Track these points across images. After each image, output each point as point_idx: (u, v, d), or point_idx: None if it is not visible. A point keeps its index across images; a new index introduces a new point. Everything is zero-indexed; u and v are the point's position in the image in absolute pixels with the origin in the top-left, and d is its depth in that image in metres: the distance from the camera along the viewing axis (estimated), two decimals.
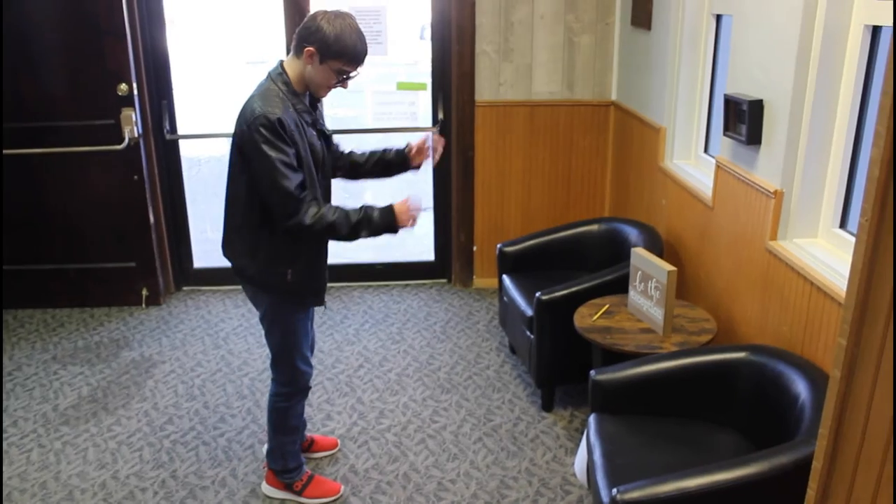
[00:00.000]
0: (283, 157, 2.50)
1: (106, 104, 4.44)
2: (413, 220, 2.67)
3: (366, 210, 2.63)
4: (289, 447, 3.02)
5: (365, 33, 2.61)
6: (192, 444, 3.43)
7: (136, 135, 4.49)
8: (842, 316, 1.27)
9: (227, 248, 2.82)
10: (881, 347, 1.19)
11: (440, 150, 2.96)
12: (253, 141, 2.49)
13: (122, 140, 4.46)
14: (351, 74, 2.62)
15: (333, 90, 2.69)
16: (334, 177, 2.92)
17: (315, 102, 2.76)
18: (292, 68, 2.61)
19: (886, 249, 1.16)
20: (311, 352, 3.04)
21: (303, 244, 2.72)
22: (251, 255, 2.73)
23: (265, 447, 3.14)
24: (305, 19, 2.58)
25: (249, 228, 2.70)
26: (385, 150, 3.00)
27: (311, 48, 2.53)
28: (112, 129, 4.47)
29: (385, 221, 2.63)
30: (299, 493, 3.04)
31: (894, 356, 1.19)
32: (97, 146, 4.48)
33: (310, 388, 3.02)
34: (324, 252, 2.86)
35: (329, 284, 5.10)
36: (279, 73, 2.61)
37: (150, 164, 4.71)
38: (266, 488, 3.09)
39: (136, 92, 4.47)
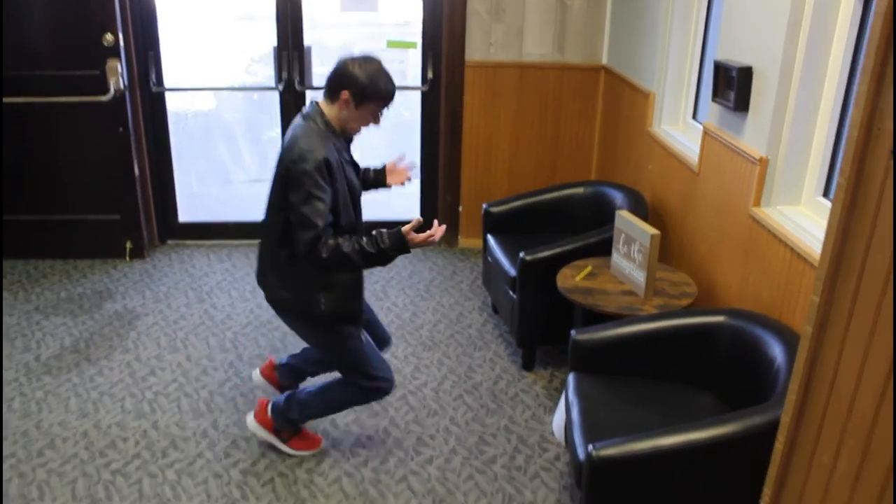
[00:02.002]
0: (321, 196, 2.55)
1: (91, 54, 4.38)
2: (425, 242, 2.68)
3: (377, 241, 2.63)
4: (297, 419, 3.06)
5: None
6: (174, 395, 3.45)
7: (121, 86, 4.44)
8: (816, 273, 1.29)
9: (262, 279, 2.89)
10: (852, 305, 1.21)
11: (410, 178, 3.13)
12: (297, 177, 2.55)
13: (108, 91, 4.41)
14: (384, 111, 2.73)
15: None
16: None
17: (350, 140, 2.84)
18: (328, 111, 2.68)
19: (862, 209, 1.18)
20: (387, 344, 3.10)
21: (333, 272, 2.76)
22: (284, 286, 2.79)
23: (278, 396, 3.09)
24: (336, 65, 2.65)
25: (283, 261, 2.75)
26: (366, 170, 3.08)
27: (346, 94, 2.60)
28: (97, 80, 4.42)
29: (397, 246, 2.64)
30: (284, 442, 3.06)
31: None
32: (82, 97, 4.43)
33: (388, 392, 2.95)
34: (358, 277, 2.86)
35: None
36: (318, 112, 2.67)
37: (136, 117, 4.67)
38: (252, 424, 3.07)
39: (121, 43, 4.41)
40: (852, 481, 1.25)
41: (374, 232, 2.67)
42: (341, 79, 2.62)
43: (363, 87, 2.60)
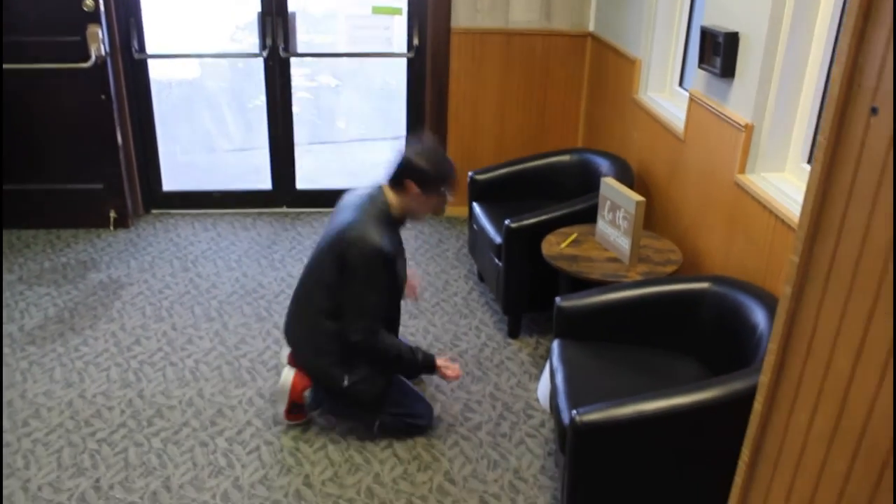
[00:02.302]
0: (378, 288, 2.70)
1: (71, 20, 4.31)
2: (449, 377, 2.95)
3: (414, 354, 2.84)
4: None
5: None
6: (160, 364, 3.44)
7: (102, 53, 4.38)
8: (795, 234, 1.29)
9: (291, 335, 2.98)
10: (830, 264, 1.21)
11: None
12: (360, 267, 2.66)
13: (89, 58, 4.35)
14: (449, 194, 2.85)
15: None
16: None
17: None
18: (392, 198, 2.77)
19: (841, 167, 1.18)
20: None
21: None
22: (315, 354, 2.88)
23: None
24: (398, 157, 2.77)
25: (322, 333, 2.83)
26: None
27: (413, 185, 2.72)
28: (78, 46, 4.35)
29: (426, 366, 2.90)
30: (285, 412, 3.02)
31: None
32: (62, 63, 4.36)
33: (425, 429, 3.03)
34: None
35: (296, 210, 5.12)
36: (385, 199, 2.77)
37: (118, 84, 4.61)
38: (288, 376, 2.96)
39: (102, 8, 4.34)
40: (828, 440, 1.26)
41: (418, 352, 2.86)
42: (406, 171, 2.72)
43: (430, 178, 2.73)
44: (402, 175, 2.74)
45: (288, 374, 2.98)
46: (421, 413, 3.00)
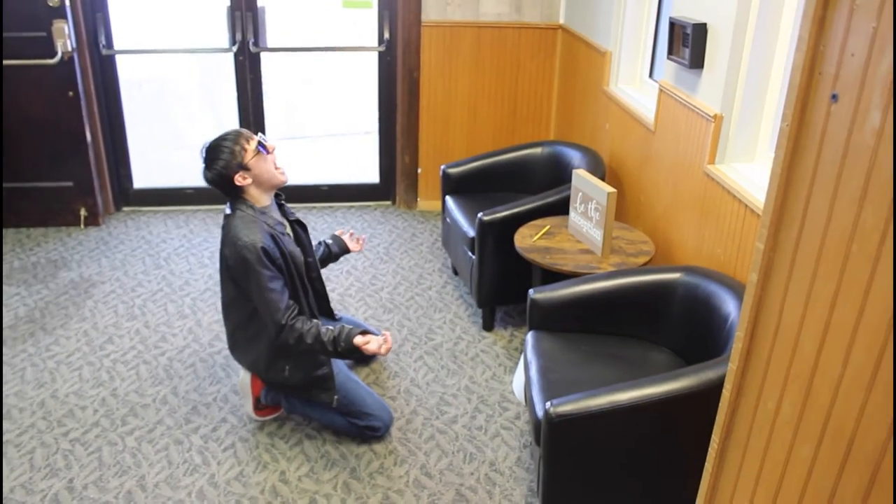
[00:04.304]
0: (271, 281, 2.67)
1: (36, 15, 4.25)
2: (372, 351, 2.74)
3: (336, 345, 2.71)
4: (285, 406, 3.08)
5: None
6: (133, 363, 3.41)
7: (69, 48, 4.32)
8: (761, 221, 1.30)
9: (234, 349, 3.00)
10: (794, 251, 1.23)
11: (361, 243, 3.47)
12: (242, 268, 2.68)
13: (55, 54, 4.29)
14: (260, 140, 2.79)
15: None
16: None
17: (283, 208, 2.99)
18: (248, 197, 2.78)
19: (804, 154, 1.19)
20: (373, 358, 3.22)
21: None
22: (253, 361, 2.90)
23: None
24: (208, 180, 2.75)
25: (246, 329, 2.86)
26: (328, 245, 3.34)
27: (235, 176, 2.71)
28: (44, 42, 4.29)
29: (349, 351, 2.74)
30: (254, 409, 3.03)
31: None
32: (28, 60, 4.30)
33: (380, 431, 2.95)
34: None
35: None
36: (240, 207, 2.76)
37: (86, 80, 4.56)
38: (245, 379, 2.99)
39: (67, 3, 4.28)
40: (795, 425, 1.27)
41: (336, 332, 2.71)
42: (220, 178, 2.71)
43: (229, 160, 2.69)
44: (225, 180, 2.72)
45: (245, 373, 3.02)
46: (380, 417, 2.93)
